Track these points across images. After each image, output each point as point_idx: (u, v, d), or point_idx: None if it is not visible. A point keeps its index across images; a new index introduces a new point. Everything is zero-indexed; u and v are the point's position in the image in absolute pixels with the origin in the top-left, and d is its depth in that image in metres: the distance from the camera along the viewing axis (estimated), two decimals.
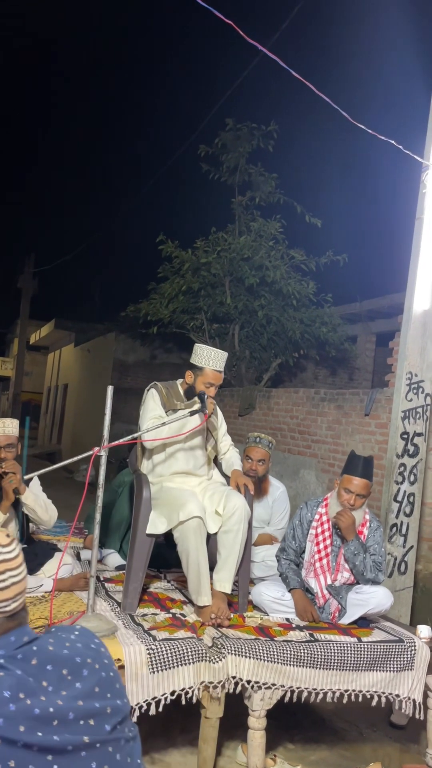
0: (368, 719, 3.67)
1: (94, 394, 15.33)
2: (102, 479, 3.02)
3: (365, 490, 3.46)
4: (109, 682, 1.31)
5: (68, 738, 1.19)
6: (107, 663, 1.32)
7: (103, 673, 1.29)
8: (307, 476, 7.09)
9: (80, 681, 1.25)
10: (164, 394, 3.60)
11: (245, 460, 4.27)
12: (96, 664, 1.28)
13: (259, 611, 3.52)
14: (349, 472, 3.48)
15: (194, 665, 2.85)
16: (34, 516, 3.56)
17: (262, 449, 4.27)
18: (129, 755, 1.29)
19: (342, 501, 3.47)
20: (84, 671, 1.26)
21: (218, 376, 3.55)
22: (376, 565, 3.45)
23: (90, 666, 1.26)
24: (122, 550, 4.22)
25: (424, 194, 4.67)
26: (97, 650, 1.32)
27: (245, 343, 9.97)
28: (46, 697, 1.21)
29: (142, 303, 10.21)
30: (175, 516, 3.23)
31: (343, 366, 11.45)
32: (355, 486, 3.44)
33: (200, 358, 3.54)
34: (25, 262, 20.53)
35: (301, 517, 3.66)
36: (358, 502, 3.45)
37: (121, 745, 1.27)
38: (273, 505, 4.43)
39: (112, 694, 1.29)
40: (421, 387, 4.67)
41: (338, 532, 3.49)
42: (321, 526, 3.56)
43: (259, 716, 2.94)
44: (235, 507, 3.37)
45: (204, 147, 10.05)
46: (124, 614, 3.22)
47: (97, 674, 1.27)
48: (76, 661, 1.26)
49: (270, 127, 9.87)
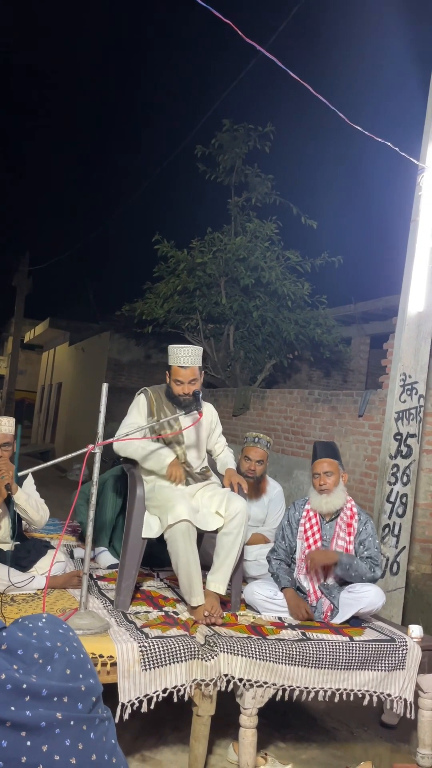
0: (359, 719, 3.68)
1: (88, 394, 15.31)
2: (96, 477, 3.02)
3: (331, 467, 3.58)
4: (80, 663, 1.31)
5: (41, 713, 1.19)
6: (76, 646, 1.33)
7: (73, 655, 1.30)
8: (301, 477, 7.11)
9: (51, 664, 1.26)
10: (153, 400, 3.59)
11: (243, 460, 4.26)
12: (66, 647, 1.29)
13: (251, 610, 3.53)
14: (313, 459, 3.65)
15: (186, 663, 2.85)
16: (25, 516, 3.56)
17: (261, 449, 4.27)
18: (104, 734, 1.29)
19: (315, 487, 3.60)
20: (55, 654, 1.26)
21: (184, 372, 3.52)
22: (372, 561, 3.47)
23: (60, 649, 1.27)
24: (112, 547, 4.22)
25: (420, 196, 4.69)
26: (65, 634, 1.33)
27: (240, 343, 9.98)
28: (19, 675, 1.21)
29: (137, 302, 10.22)
30: (165, 519, 3.24)
31: (338, 367, 11.48)
32: (319, 467, 3.58)
33: (169, 358, 3.59)
34: (20, 261, 20.47)
35: (289, 517, 3.70)
36: (328, 480, 3.55)
37: (96, 725, 1.27)
38: (269, 505, 4.44)
39: (84, 674, 1.30)
40: (415, 388, 4.69)
41: (337, 518, 3.56)
42: (309, 521, 3.61)
43: (250, 714, 2.94)
44: (236, 510, 3.39)
45: (201, 147, 10.07)
46: (116, 612, 3.22)
47: (67, 656, 1.28)
48: (47, 645, 1.27)
49: (267, 129, 9.90)
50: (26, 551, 3.52)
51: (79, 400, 16.90)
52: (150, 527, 3.35)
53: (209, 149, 10.05)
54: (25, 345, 24.13)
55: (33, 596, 3.31)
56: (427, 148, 4.69)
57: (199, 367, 3.60)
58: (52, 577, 3.37)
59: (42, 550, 3.57)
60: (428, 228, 4.65)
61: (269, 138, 9.99)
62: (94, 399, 3.07)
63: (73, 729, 1.23)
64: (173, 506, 3.23)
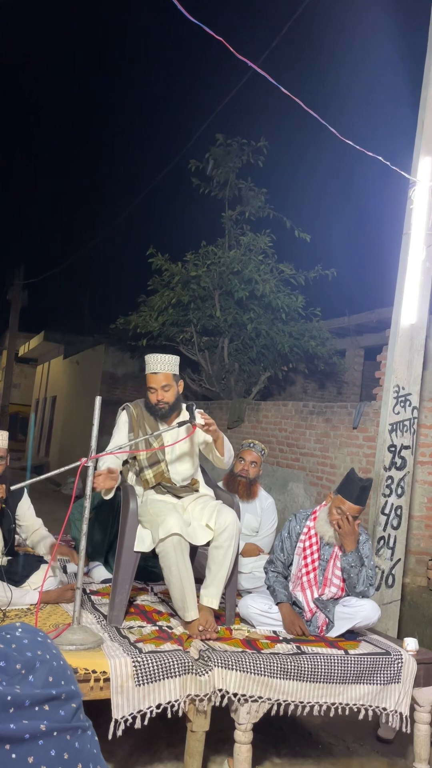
0: (355, 733, 3.66)
1: (83, 407, 15.28)
2: (89, 491, 3.01)
3: (357, 513, 3.46)
4: (61, 670, 1.31)
5: (25, 726, 1.18)
6: (55, 653, 1.32)
7: (54, 662, 1.30)
8: (296, 489, 7.09)
9: (33, 674, 1.25)
10: (134, 415, 3.58)
11: (237, 462, 4.36)
12: (46, 654, 1.29)
13: (246, 624, 3.51)
14: (344, 495, 3.46)
15: (180, 678, 2.83)
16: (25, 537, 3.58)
17: (255, 453, 4.41)
18: (88, 743, 1.29)
19: (332, 519, 3.47)
20: (36, 663, 1.25)
21: (155, 377, 3.50)
22: (368, 579, 3.46)
23: (41, 657, 1.26)
24: (108, 563, 4.20)
25: (411, 210, 4.73)
26: (44, 642, 1.32)
27: (234, 356, 10.00)
28: (2, 688, 1.20)
29: (131, 315, 10.23)
30: (156, 533, 3.22)
31: (332, 379, 11.49)
32: (348, 509, 3.44)
33: (145, 367, 3.57)
34: (14, 274, 20.49)
35: (290, 529, 3.65)
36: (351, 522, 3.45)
37: (79, 734, 1.26)
38: (262, 515, 4.44)
39: (66, 681, 1.29)
40: (408, 400, 4.70)
41: (337, 539, 3.48)
42: (309, 539, 3.55)
43: (245, 730, 2.92)
44: (226, 523, 3.36)
45: (194, 162, 10.14)
46: (110, 627, 3.19)
47: (48, 664, 1.27)
48: (28, 656, 1.26)
49: (260, 143, 9.98)
50: (19, 566, 3.50)
51: (73, 413, 16.86)
52: (142, 541, 3.33)
53: (203, 164, 10.12)
54: (19, 358, 24.10)
55: (26, 611, 3.28)
56: (418, 162, 4.73)
57: (173, 374, 3.54)
58: (45, 592, 3.35)
59: (35, 565, 3.55)
60: (420, 241, 4.69)
61: (262, 152, 10.07)
62: (88, 412, 3.08)
63: (57, 739, 1.22)
64: (164, 520, 3.22)
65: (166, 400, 3.50)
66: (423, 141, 4.74)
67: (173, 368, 3.55)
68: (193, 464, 3.66)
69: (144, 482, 3.55)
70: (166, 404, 3.50)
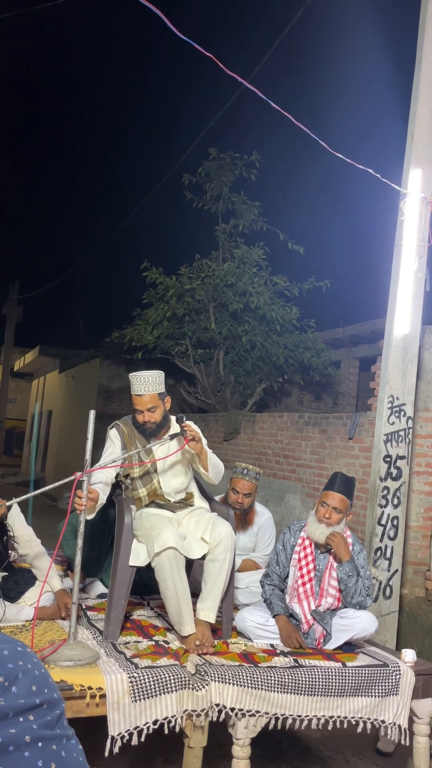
0: (355, 747, 3.63)
1: (79, 421, 15.24)
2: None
3: (341, 505, 3.47)
4: (43, 678, 1.30)
5: (9, 737, 1.17)
6: (36, 661, 1.31)
7: (36, 671, 1.28)
8: (293, 501, 7.08)
9: (16, 685, 1.24)
10: (125, 432, 3.55)
11: (231, 492, 4.21)
12: (28, 664, 1.27)
13: (243, 637, 3.49)
14: (327, 488, 3.55)
15: (177, 693, 2.80)
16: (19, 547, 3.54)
17: (249, 482, 4.20)
18: (73, 751, 1.27)
19: (319, 516, 3.48)
20: (19, 674, 1.24)
21: (141, 400, 3.45)
22: (365, 589, 3.44)
23: (23, 667, 1.25)
24: (103, 581, 4.17)
25: (403, 222, 4.77)
26: (24, 651, 1.31)
27: (230, 368, 10.02)
28: None
29: (126, 329, 10.26)
30: (151, 547, 3.21)
31: (328, 390, 11.52)
32: (331, 499, 3.47)
33: (130, 387, 3.52)
34: (10, 289, 20.53)
35: (284, 541, 3.65)
36: (334, 516, 3.45)
37: (64, 744, 1.25)
38: (258, 533, 4.38)
39: (48, 689, 1.28)
40: (403, 410, 4.71)
41: (330, 551, 3.48)
42: (304, 550, 3.55)
43: (243, 745, 2.89)
44: (221, 536, 3.34)
45: (188, 176, 10.21)
46: (106, 642, 3.17)
47: (30, 674, 1.26)
48: (9, 668, 1.25)
49: (252, 157, 10.07)
50: (14, 582, 3.47)
51: (69, 427, 16.81)
52: (138, 555, 3.31)
53: (196, 178, 10.19)
54: (14, 373, 24.07)
55: (21, 628, 3.26)
56: (408, 174, 4.77)
57: (158, 393, 3.49)
58: (40, 608, 3.33)
59: (30, 581, 3.53)
60: (411, 252, 4.72)
61: (255, 166, 10.15)
62: (84, 426, 3.07)
63: (43, 749, 1.21)
64: (159, 534, 3.20)
65: (153, 420, 3.48)
66: (413, 153, 4.79)
67: (158, 387, 3.50)
68: (186, 476, 3.63)
69: (137, 501, 3.53)
70: (153, 424, 3.49)
